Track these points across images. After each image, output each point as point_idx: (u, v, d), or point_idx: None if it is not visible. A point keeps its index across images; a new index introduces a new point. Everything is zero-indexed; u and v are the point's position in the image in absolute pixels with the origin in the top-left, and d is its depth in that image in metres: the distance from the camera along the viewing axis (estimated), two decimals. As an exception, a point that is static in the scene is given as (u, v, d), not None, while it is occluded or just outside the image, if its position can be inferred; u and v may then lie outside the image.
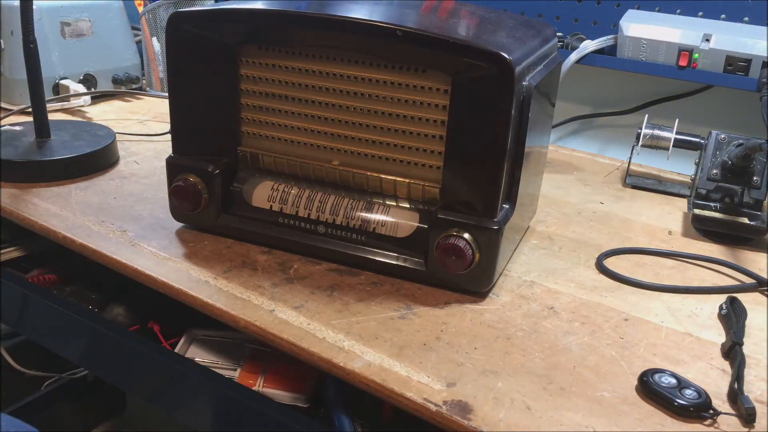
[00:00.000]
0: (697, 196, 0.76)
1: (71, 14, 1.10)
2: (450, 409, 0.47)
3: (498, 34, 0.63)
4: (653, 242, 0.75)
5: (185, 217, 0.70)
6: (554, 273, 0.67)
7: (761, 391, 0.51)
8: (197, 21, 0.63)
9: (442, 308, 0.59)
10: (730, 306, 0.61)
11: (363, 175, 0.64)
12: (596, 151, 1.11)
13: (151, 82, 1.23)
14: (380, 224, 0.63)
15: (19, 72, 1.00)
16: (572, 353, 0.54)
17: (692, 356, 0.55)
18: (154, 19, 1.20)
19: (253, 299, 0.59)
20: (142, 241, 0.68)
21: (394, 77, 0.60)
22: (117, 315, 0.76)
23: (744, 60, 0.89)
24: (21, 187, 0.79)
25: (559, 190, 0.88)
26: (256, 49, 0.64)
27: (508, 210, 0.61)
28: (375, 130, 0.62)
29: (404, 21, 0.60)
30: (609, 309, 0.61)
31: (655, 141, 0.86)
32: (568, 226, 0.78)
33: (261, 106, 0.66)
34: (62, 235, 0.69)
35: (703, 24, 0.94)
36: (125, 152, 0.92)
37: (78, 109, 1.08)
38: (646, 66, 0.96)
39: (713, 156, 0.76)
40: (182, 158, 0.68)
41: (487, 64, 0.55)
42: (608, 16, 1.03)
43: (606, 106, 1.10)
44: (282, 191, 0.67)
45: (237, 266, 0.64)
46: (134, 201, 0.77)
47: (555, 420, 0.47)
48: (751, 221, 0.74)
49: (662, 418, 0.48)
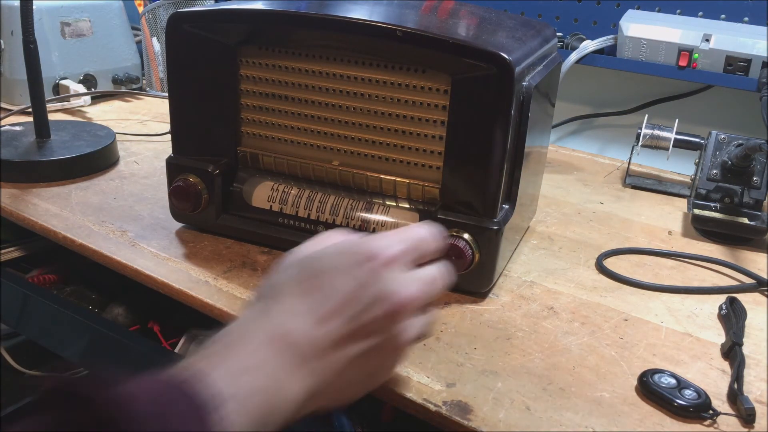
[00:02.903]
0: (697, 196, 0.76)
1: (71, 14, 1.10)
2: (450, 409, 0.47)
3: (498, 34, 0.63)
4: (653, 242, 0.75)
5: (185, 217, 0.70)
6: (554, 273, 0.67)
7: (761, 392, 0.51)
8: (197, 21, 0.63)
9: (441, 308, 0.59)
10: (729, 306, 0.61)
11: (363, 175, 0.64)
12: (596, 151, 1.11)
13: (151, 82, 1.23)
14: (380, 224, 0.63)
15: (19, 72, 1.00)
16: (572, 353, 0.54)
17: (692, 356, 0.55)
18: (154, 19, 1.20)
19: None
20: (142, 242, 0.68)
21: (393, 77, 0.60)
22: (117, 315, 0.76)
23: (744, 60, 0.89)
24: (21, 187, 0.79)
25: (559, 190, 0.88)
26: (256, 49, 0.64)
27: (508, 210, 0.61)
28: (375, 131, 0.62)
29: (404, 21, 0.60)
30: (609, 309, 0.61)
31: (655, 141, 0.86)
32: (568, 226, 0.78)
33: (261, 107, 0.66)
34: (62, 235, 0.69)
35: (703, 24, 0.94)
36: (125, 152, 0.92)
37: (78, 109, 1.08)
38: (646, 66, 0.96)
39: (713, 156, 0.76)
40: (182, 158, 0.68)
41: (486, 64, 0.55)
42: (608, 16, 1.03)
43: (606, 106, 1.10)
44: (282, 191, 0.67)
45: (237, 266, 0.64)
46: (134, 201, 0.77)
47: (555, 420, 0.47)
48: (751, 221, 0.74)
49: (662, 419, 0.48)
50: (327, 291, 0.42)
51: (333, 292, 0.42)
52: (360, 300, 0.42)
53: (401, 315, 0.43)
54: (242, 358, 0.39)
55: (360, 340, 0.42)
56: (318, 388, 0.41)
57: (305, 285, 0.43)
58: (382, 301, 0.42)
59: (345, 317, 0.41)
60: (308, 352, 0.41)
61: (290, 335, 0.41)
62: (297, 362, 0.40)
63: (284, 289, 0.43)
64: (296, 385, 0.40)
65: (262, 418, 0.38)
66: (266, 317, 0.42)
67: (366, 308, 0.42)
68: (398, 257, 0.44)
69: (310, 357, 0.41)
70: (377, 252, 0.43)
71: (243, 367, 0.38)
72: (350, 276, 0.42)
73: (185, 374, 0.36)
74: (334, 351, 0.41)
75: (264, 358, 0.39)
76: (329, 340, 0.41)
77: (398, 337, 0.43)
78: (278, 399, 0.39)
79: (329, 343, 0.41)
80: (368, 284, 0.42)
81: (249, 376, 0.38)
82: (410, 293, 0.43)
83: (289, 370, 0.40)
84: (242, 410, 0.36)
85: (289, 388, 0.40)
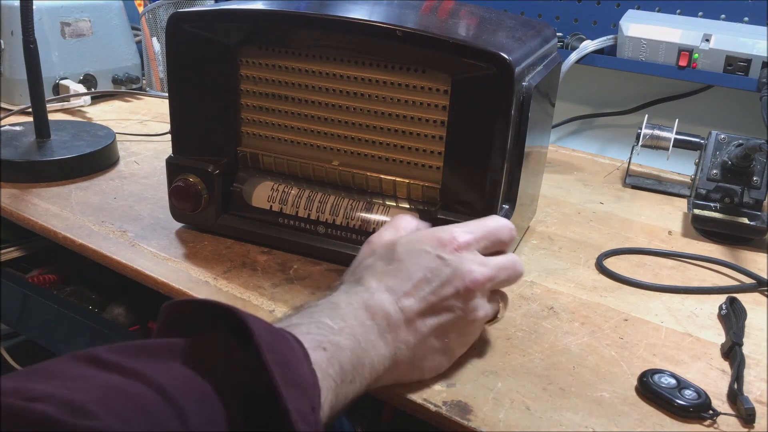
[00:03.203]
0: (697, 197, 0.76)
1: (71, 14, 1.10)
2: (449, 409, 0.47)
3: (498, 34, 0.63)
4: (653, 242, 0.75)
5: (185, 217, 0.70)
6: (554, 273, 0.67)
7: (761, 392, 0.51)
8: (197, 21, 0.63)
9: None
10: (729, 306, 0.61)
11: (363, 175, 0.64)
12: (596, 151, 1.11)
13: (151, 82, 1.23)
14: (380, 224, 0.63)
15: (19, 72, 1.00)
16: (572, 353, 0.54)
17: (692, 356, 0.55)
18: (154, 19, 1.20)
19: (253, 299, 0.59)
20: (142, 242, 0.68)
21: (393, 77, 0.60)
22: (117, 315, 0.77)
23: (744, 60, 0.89)
24: (21, 187, 0.79)
25: (559, 190, 0.88)
26: (256, 49, 0.64)
27: (508, 210, 0.61)
28: (375, 131, 0.62)
29: (404, 21, 0.60)
30: (609, 309, 0.61)
31: (655, 141, 0.86)
32: (568, 226, 0.78)
33: (261, 107, 0.66)
34: (62, 235, 0.69)
35: (703, 24, 0.94)
36: (125, 152, 0.92)
37: (78, 109, 1.08)
38: (646, 66, 0.96)
39: (713, 156, 0.76)
40: (182, 158, 0.68)
41: (486, 64, 0.55)
42: (608, 16, 1.03)
43: (606, 106, 1.10)
44: (282, 191, 0.67)
45: (237, 266, 0.64)
46: (134, 201, 0.77)
47: (554, 420, 0.47)
48: (751, 221, 0.74)
49: (662, 419, 0.48)
50: (410, 271, 0.48)
51: (415, 272, 0.48)
52: (438, 277, 0.48)
53: (474, 292, 0.48)
54: (337, 320, 0.44)
55: (439, 314, 0.48)
56: (402, 355, 0.46)
57: (390, 268, 0.49)
58: (456, 279, 0.48)
59: (426, 292, 0.47)
60: (396, 320, 0.46)
61: (382, 305, 0.46)
62: (386, 328, 0.46)
63: (372, 272, 0.49)
64: (383, 348, 0.45)
65: (350, 372, 0.42)
66: (360, 290, 0.47)
67: (443, 285, 0.48)
68: (471, 243, 0.50)
69: (397, 325, 0.46)
70: (452, 237, 0.49)
71: (337, 327, 0.43)
72: (429, 257, 0.48)
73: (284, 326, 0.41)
74: (417, 321, 0.47)
75: (359, 320, 0.45)
76: (413, 311, 0.47)
77: (472, 313, 0.49)
78: (366, 357, 0.44)
79: (413, 313, 0.47)
80: (445, 264, 0.48)
81: (341, 335, 0.43)
82: (482, 273, 0.49)
83: (380, 333, 0.45)
84: (334, 359, 0.41)
85: (376, 350, 0.45)
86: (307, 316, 0.44)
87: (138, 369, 0.34)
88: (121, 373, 0.33)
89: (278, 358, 0.36)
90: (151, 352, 0.36)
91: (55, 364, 0.34)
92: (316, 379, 0.39)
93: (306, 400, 0.36)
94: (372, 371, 0.44)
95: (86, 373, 0.33)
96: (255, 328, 0.36)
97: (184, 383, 0.34)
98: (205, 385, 0.35)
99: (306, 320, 0.43)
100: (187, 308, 0.40)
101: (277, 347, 0.37)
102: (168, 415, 0.32)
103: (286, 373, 0.36)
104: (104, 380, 0.33)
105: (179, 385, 0.34)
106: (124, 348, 0.35)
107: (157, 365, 0.35)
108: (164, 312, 0.40)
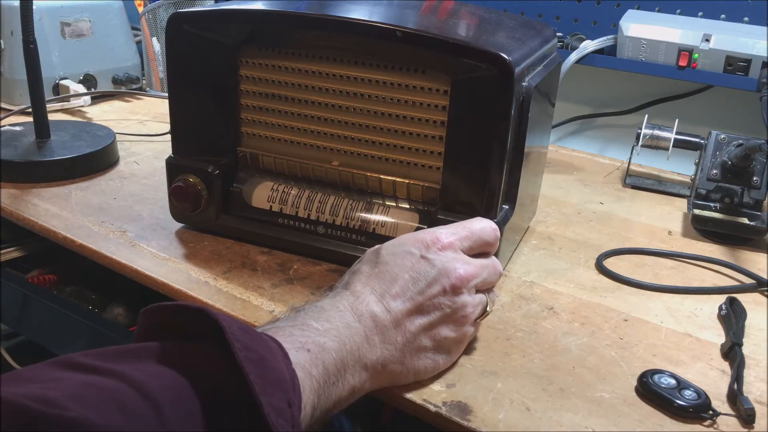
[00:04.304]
0: (697, 197, 0.76)
1: (71, 14, 1.10)
2: (449, 410, 0.47)
3: (498, 34, 0.63)
4: (653, 242, 0.75)
5: (185, 217, 0.70)
6: (554, 273, 0.67)
7: (761, 392, 0.51)
8: (197, 21, 0.63)
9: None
10: (729, 306, 0.61)
11: (363, 175, 0.64)
12: (596, 151, 1.11)
13: (151, 82, 1.23)
14: (380, 225, 0.63)
15: (19, 72, 1.00)
16: (572, 354, 0.54)
17: (692, 357, 0.55)
18: (154, 19, 1.20)
19: (253, 300, 0.59)
20: (142, 242, 0.68)
21: (393, 78, 0.60)
22: (117, 315, 0.77)
23: (744, 60, 0.89)
24: (21, 187, 0.79)
25: (559, 190, 0.88)
26: (255, 49, 0.64)
27: (508, 210, 0.61)
28: (375, 131, 0.62)
29: (404, 22, 0.60)
30: (609, 309, 0.61)
31: (655, 141, 0.86)
32: (568, 226, 0.78)
33: (261, 107, 0.66)
34: (62, 235, 0.69)
35: (703, 24, 0.94)
36: (125, 152, 0.92)
37: (78, 110, 1.08)
38: (646, 66, 0.96)
39: (713, 156, 0.76)
40: (182, 159, 0.68)
41: (486, 64, 0.55)
42: (608, 16, 1.03)
43: (606, 106, 1.10)
44: (282, 192, 0.67)
45: (237, 267, 0.64)
46: (134, 201, 0.77)
47: (554, 421, 0.47)
48: (750, 221, 0.74)
49: (661, 419, 0.48)
50: (396, 273, 0.48)
51: (401, 273, 0.48)
52: (424, 277, 0.48)
53: (460, 289, 0.49)
54: (322, 322, 0.44)
55: (427, 313, 0.48)
56: (391, 356, 0.47)
57: (376, 271, 0.49)
58: (442, 277, 0.48)
59: (412, 292, 0.48)
60: (383, 321, 0.47)
61: (368, 306, 0.47)
62: (373, 329, 0.46)
63: (358, 277, 0.49)
64: (370, 350, 0.46)
65: (335, 373, 0.43)
66: (346, 294, 0.48)
67: (429, 284, 0.48)
68: (454, 243, 0.50)
69: (384, 326, 0.47)
70: (435, 238, 0.50)
71: (323, 329, 0.44)
72: (414, 259, 0.49)
73: (265, 329, 0.42)
74: (405, 321, 0.47)
75: (345, 322, 0.45)
76: (400, 312, 0.47)
77: (461, 309, 0.49)
78: (352, 359, 0.44)
79: (400, 314, 0.47)
80: (430, 264, 0.49)
81: (326, 336, 0.43)
82: (467, 270, 0.49)
83: (366, 335, 0.46)
84: (317, 360, 0.41)
85: (363, 351, 0.45)
86: (292, 320, 0.45)
87: (114, 368, 0.34)
88: (96, 373, 0.34)
89: (252, 356, 0.36)
90: (127, 354, 0.36)
91: (32, 369, 0.34)
92: (295, 377, 0.39)
93: (281, 395, 0.36)
94: (360, 373, 0.45)
95: (61, 376, 0.33)
96: (227, 326, 0.37)
97: (160, 379, 0.34)
98: (181, 380, 0.35)
99: (290, 323, 0.44)
100: (163, 314, 0.40)
101: (251, 345, 0.37)
102: (143, 407, 0.32)
103: (260, 369, 0.36)
104: (79, 379, 0.33)
105: (154, 380, 0.34)
106: (101, 352, 0.36)
107: (133, 365, 0.35)
108: (141, 319, 0.40)
